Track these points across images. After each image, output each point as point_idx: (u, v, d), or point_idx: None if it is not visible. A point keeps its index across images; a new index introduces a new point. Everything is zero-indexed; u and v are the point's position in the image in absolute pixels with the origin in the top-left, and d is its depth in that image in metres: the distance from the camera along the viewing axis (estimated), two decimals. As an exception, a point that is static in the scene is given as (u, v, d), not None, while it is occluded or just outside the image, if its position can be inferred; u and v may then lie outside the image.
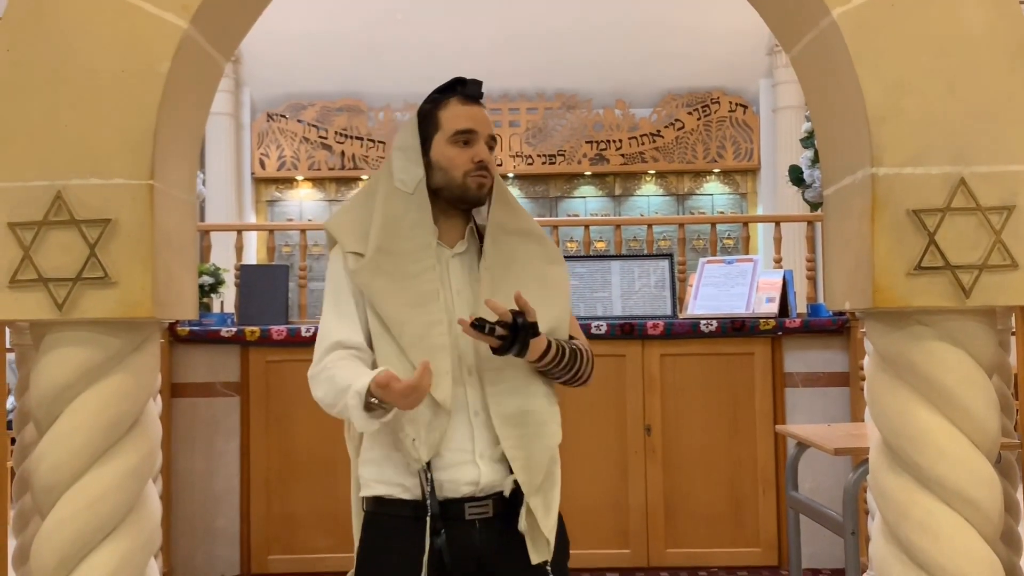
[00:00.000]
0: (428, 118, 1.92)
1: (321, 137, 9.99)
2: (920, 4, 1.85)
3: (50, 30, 1.86)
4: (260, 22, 2.21)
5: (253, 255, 9.17)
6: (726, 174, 10.23)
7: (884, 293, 1.81)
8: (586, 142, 9.92)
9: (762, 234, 9.41)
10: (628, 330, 4.39)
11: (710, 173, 10.20)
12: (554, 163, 9.89)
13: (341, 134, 10.00)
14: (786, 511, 3.63)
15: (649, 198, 10.25)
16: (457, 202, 1.91)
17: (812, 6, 1.91)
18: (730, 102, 9.99)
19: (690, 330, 4.41)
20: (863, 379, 3.68)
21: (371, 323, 1.84)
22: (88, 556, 1.82)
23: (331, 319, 1.87)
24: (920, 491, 1.82)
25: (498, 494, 1.82)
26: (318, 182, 10.22)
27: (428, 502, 1.77)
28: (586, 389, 2.03)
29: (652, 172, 10.17)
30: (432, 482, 1.78)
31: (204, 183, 8.27)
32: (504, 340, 1.74)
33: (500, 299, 1.78)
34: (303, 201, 10.24)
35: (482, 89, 1.94)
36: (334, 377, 1.77)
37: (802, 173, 4.59)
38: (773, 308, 4.45)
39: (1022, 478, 2.67)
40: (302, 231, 5.50)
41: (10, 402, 3.69)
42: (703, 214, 9.86)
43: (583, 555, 4.10)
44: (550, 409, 1.87)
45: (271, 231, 5.63)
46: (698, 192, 10.23)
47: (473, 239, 1.96)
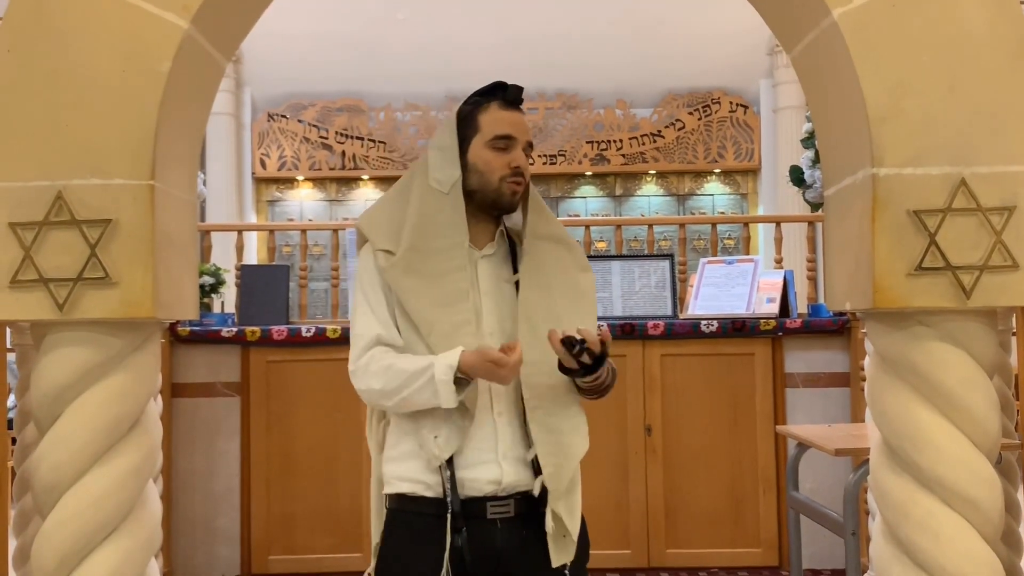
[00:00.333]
0: (468, 120, 1.93)
1: (322, 137, 10.00)
2: (921, 4, 1.85)
3: (51, 30, 1.86)
4: (261, 22, 2.21)
5: (254, 255, 9.17)
6: (727, 174, 10.23)
7: (885, 293, 1.81)
8: (587, 142, 9.93)
9: (763, 234, 9.41)
10: (629, 330, 4.39)
11: (711, 173, 10.20)
12: (555, 163, 9.90)
13: (342, 134, 10.00)
14: (786, 511, 3.63)
15: (650, 198, 10.26)
16: (490, 207, 1.92)
17: (813, 6, 1.91)
18: (731, 102, 9.99)
19: (691, 330, 4.41)
20: (864, 379, 3.69)
21: (400, 321, 1.87)
22: (89, 556, 1.82)
23: (366, 315, 1.89)
24: (921, 491, 1.82)
25: (520, 494, 1.83)
26: (319, 182, 10.23)
27: (449, 500, 1.79)
28: None
29: (653, 172, 10.17)
30: (454, 480, 1.80)
31: (205, 183, 8.26)
32: (584, 366, 1.78)
33: (536, 305, 1.85)
34: (304, 201, 10.25)
35: (521, 95, 1.96)
36: (394, 365, 1.80)
37: (803, 173, 4.59)
38: (774, 308, 4.45)
39: (1023, 478, 2.67)
40: (303, 231, 5.50)
41: (10, 401, 3.69)
42: (704, 214, 9.86)
43: (583, 555, 4.09)
44: (579, 418, 1.90)
45: (272, 231, 5.63)
46: (699, 192, 10.23)
47: (503, 242, 1.97)
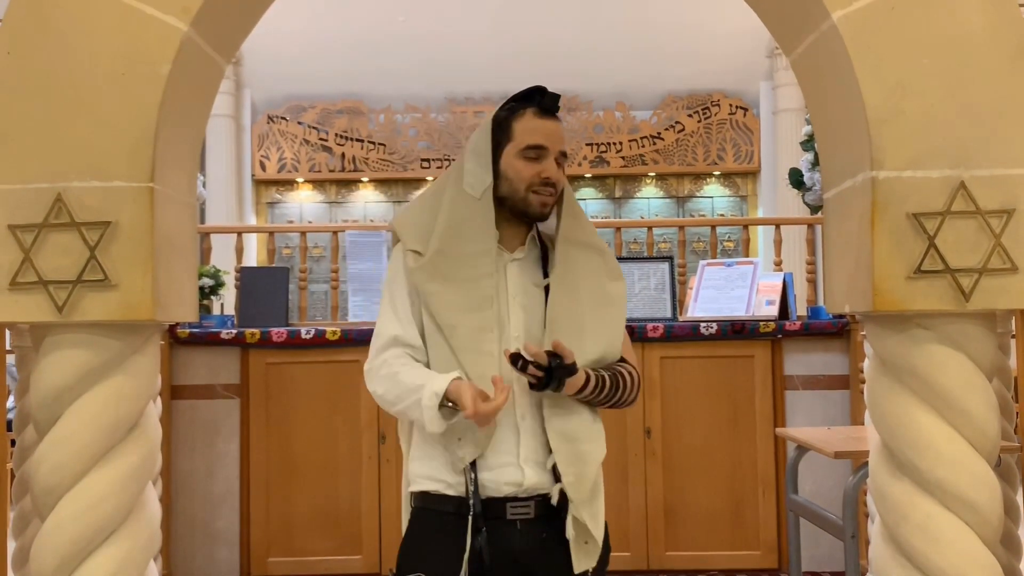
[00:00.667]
0: (502, 126, 1.94)
1: (321, 139, 10.00)
2: (920, 7, 1.85)
3: (50, 32, 1.86)
4: (261, 24, 2.21)
5: (253, 257, 9.17)
6: (726, 176, 10.24)
7: (884, 296, 1.81)
8: (586, 144, 9.93)
9: (762, 237, 9.41)
10: (628, 332, 4.38)
11: (710, 175, 10.20)
12: (554, 165, 9.89)
13: (341, 136, 10.00)
14: (786, 514, 3.63)
15: (649, 200, 10.26)
16: (519, 215, 1.93)
17: (812, 9, 1.91)
18: (730, 104, 10.00)
19: (690, 332, 4.41)
20: (863, 382, 3.68)
21: (425, 323, 1.87)
22: (88, 558, 1.82)
23: (388, 315, 1.90)
24: (920, 494, 1.82)
25: (541, 496, 1.84)
26: (318, 184, 10.23)
27: (471, 501, 1.80)
28: None
29: (652, 174, 10.17)
30: (476, 482, 1.81)
31: (204, 185, 8.26)
32: (539, 380, 1.78)
33: (563, 311, 1.86)
34: (303, 203, 10.25)
35: (558, 103, 1.96)
36: (398, 375, 1.82)
37: (802, 176, 4.59)
38: (773, 311, 4.45)
39: (1022, 481, 2.67)
40: (302, 233, 5.50)
41: (10, 403, 3.69)
42: (703, 216, 9.87)
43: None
44: (594, 427, 1.91)
45: (271, 233, 5.62)
46: (698, 194, 10.24)
47: (534, 246, 1.98)
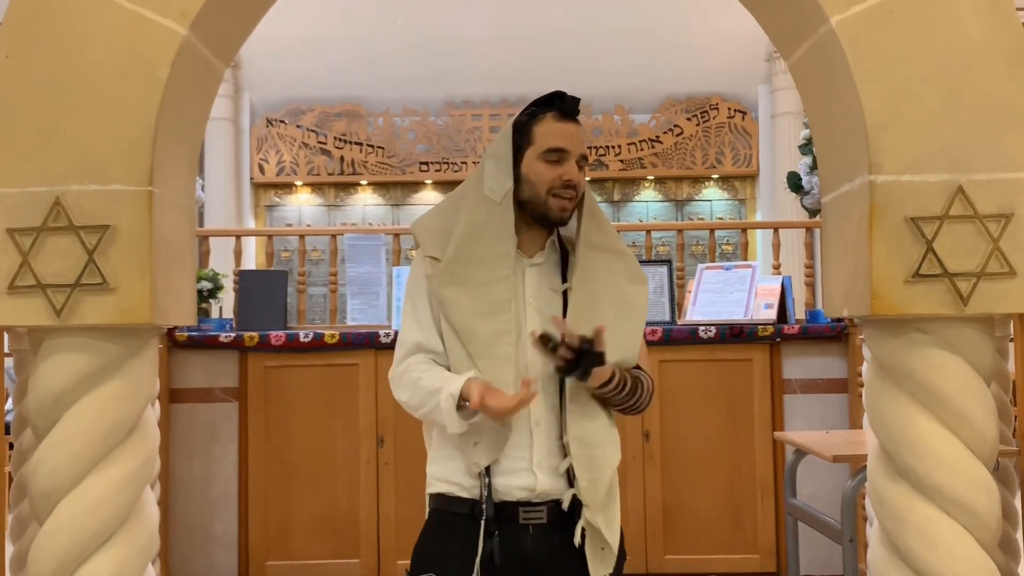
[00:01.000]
0: (523, 130, 1.94)
1: (320, 142, 10.01)
2: (918, 12, 1.85)
3: (49, 36, 1.86)
4: (260, 27, 2.22)
5: (252, 260, 9.16)
6: (725, 180, 10.25)
7: (882, 300, 1.81)
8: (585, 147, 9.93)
9: (761, 240, 9.41)
10: (627, 336, 4.38)
11: (709, 179, 10.21)
12: (553, 168, 9.89)
13: (340, 139, 10.00)
14: (784, 517, 3.63)
15: (648, 204, 10.27)
16: (540, 219, 1.93)
17: (810, 14, 1.91)
18: (729, 108, 10.01)
19: (688, 336, 4.40)
20: (861, 386, 3.68)
21: (444, 329, 1.88)
22: (86, 562, 1.82)
23: (411, 323, 1.92)
24: (918, 498, 1.82)
25: (554, 501, 1.84)
26: (317, 187, 10.23)
27: (484, 505, 1.81)
28: None
29: (651, 178, 10.18)
30: (490, 486, 1.82)
31: (203, 188, 8.26)
32: (567, 362, 1.76)
33: (582, 316, 1.84)
34: (302, 206, 10.26)
35: (578, 106, 1.96)
36: (419, 381, 1.84)
37: (800, 180, 4.59)
38: (772, 314, 4.45)
39: (1020, 485, 2.67)
40: (301, 236, 5.50)
41: (8, 406, 3.69)
42: (702, 220, 9.88)
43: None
44: (611, 431, 1.90)
45: (270, 236, 5.62)
46: (697, 198, 10.24)
47: (553, 251, 1.98)
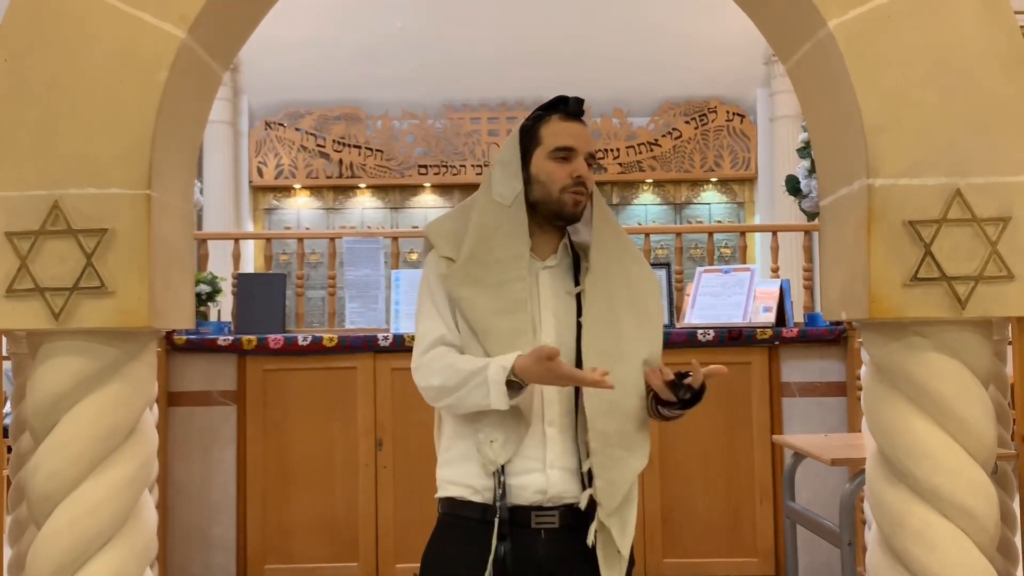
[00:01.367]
0: (529, 134, 1.95)
1: (319, 145, 10.00)
2: (916, 15, 1.85)
3: (48, 39, 1.86)
4: (258, 30, 2.22)
5: (250, 264, 9.16)
6: (723, 183, 10.26)
7: (880, 304, 1.81)
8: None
9: (759, 243, 9.42)
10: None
11: (707, 182, 10.22)
12: (552, 172, 9.89)
13: (339, 142, 10.00)
14: (783, 521, 3.63)
15: (646, 207, 10.28)
16: (553, 218, 1.94)
17: (808, 17, 1.92)
18: (727, 111, 10.02)
19: (687, 339, 4.40)
20: (860, 389, 3.68)
21: (461, 328, 1.89)
22: (84, 566, 1.82)
23: (431, 317, 1.93)
24: (916, 502, 1.82)
25: (566, 506, 1.84)
26: (316, 190, 10.23)
27: (498, 506, 1.80)
28: None
29: (649, 181, 10.19)
30: (504, 487, 1.81)
31: (202, 191, 8.28)
32: (683, 401, 1.81)
33: (600, 319, 1.87)
34: (301, 209, 10.26)
35: (583, 107, 1.97)
36: (455, 364, 1.83)
37: (799, 183, 4.60)
38: (770, 318, 4.45)
39: (1018, 488, 2.67)
40: (300, 239, 5.50)
41: (6, 409, 3.68)
42: (700, 223, 9.88)
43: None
44: (638, 435, 1.89)
45: (268, 239, 5.61)
46: (695, 201, 10.25)
47: (566, 254, 1.98)
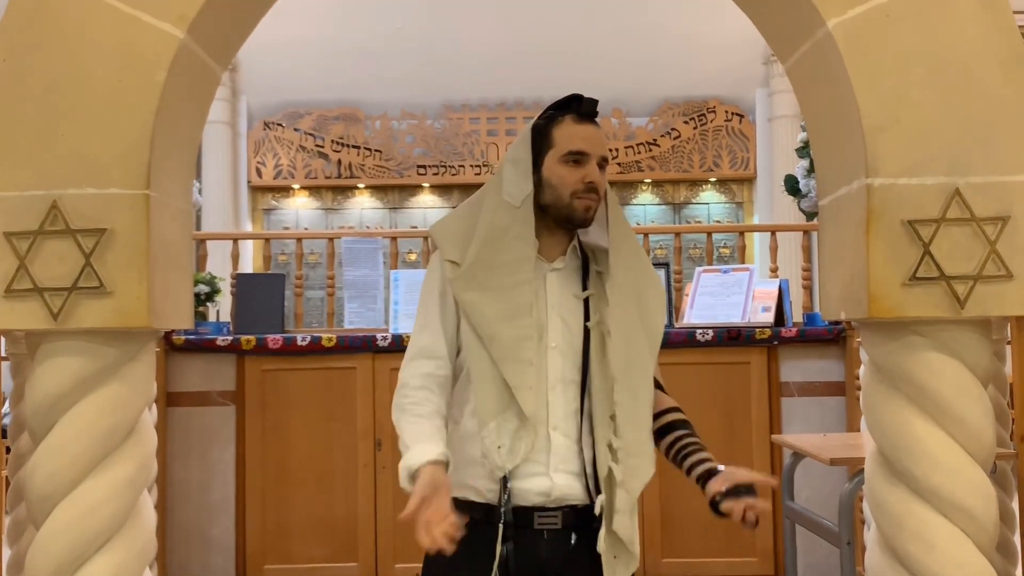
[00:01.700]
0: (542, 134, 1.93)
1: (318, 146, 10.00)
2: (915, 15, 1.85)
3: (47, 39, 1.86)
4: (257, 31, 2.22)
5: (249, 264, 9.17)
6: (722, 183, 10.26)
7: (879, 303, 1.81)
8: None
9: (758, 243, 9.42)
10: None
11: (706, 182, 10.21)
12: (551, 172, 9.90)
13: (338, 143, 10.00)
14: (782, 521, 3.63)
15: (645, 207, 10.28)
16: (563, 222, 1.93)
17: (807, 17, 1.92)
18: (726, 111, 10.02)
19: (686, 339, 4.40)
20: (859, 389, 3.68)
21: (465, 333, 1.87)
22: (83, 566, 1.82)
23: (420, 324, 1.92)
24: (916, 501, 1.82)
25: (570, 507, 1.84)
26: (315, 191, 10.22)
27: (503, 509, 1.80)
28: None
29: (648, 181, 10.18)
30: (509, 490, 1.81)
31: (200, 192, 8.27)
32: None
33: (621, 323, 1.86)
34: (299, 210, 10.25)
35: (596, 108, 1.95)
36: (400, 421, 1.83)
37: (798, 183, 4.60)
38: (769, 317, 4.45)
39: (1017, 488, 2.67)
40: (298, 240, 5.49)
41: (4, 409, 3.68)
42: (699, 223, 9.88)
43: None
44: (651, 441, 1.92)
45: (267, 240, 5.61)
46: (694, 201, 10.25)
47: (575, 256, 1.97)
